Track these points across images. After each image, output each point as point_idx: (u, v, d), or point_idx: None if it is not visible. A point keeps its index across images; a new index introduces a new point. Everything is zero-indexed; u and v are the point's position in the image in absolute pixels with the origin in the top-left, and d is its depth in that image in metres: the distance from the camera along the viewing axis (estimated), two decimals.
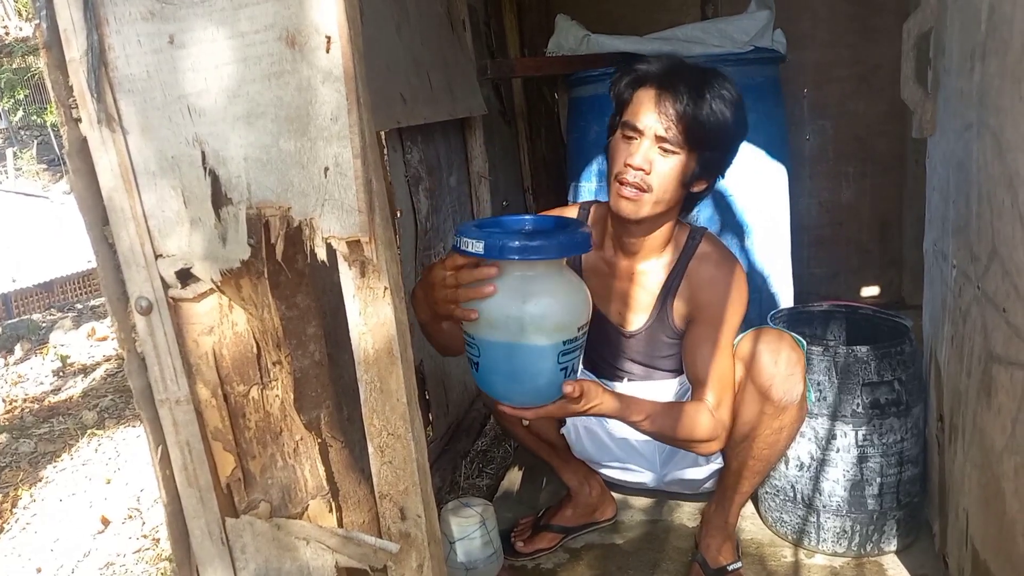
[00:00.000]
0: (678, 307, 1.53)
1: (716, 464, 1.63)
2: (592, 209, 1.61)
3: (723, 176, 1.49)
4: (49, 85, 0.96)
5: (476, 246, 1.13)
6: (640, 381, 1.69)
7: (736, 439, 1.49)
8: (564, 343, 1.17)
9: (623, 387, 1.71)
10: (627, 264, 1.53)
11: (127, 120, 0.95)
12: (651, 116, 1.35)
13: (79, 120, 0.96)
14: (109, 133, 0.95)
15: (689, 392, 1.63)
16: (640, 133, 1.37)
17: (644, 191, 1.37)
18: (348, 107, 0.89)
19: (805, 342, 1.50)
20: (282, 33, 0.89)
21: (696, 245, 1.51)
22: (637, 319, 1.58)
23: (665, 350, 1.60)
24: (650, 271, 1.54)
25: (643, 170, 1.36)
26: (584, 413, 1.28)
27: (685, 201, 1.47)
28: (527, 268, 1.16)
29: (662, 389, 1.69)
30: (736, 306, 1.46)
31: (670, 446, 1.54)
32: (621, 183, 1.38)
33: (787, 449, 1.53)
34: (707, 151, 1.38)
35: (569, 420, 1.71)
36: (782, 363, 1.40)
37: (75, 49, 0.93)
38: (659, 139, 1.36)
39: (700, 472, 1.66)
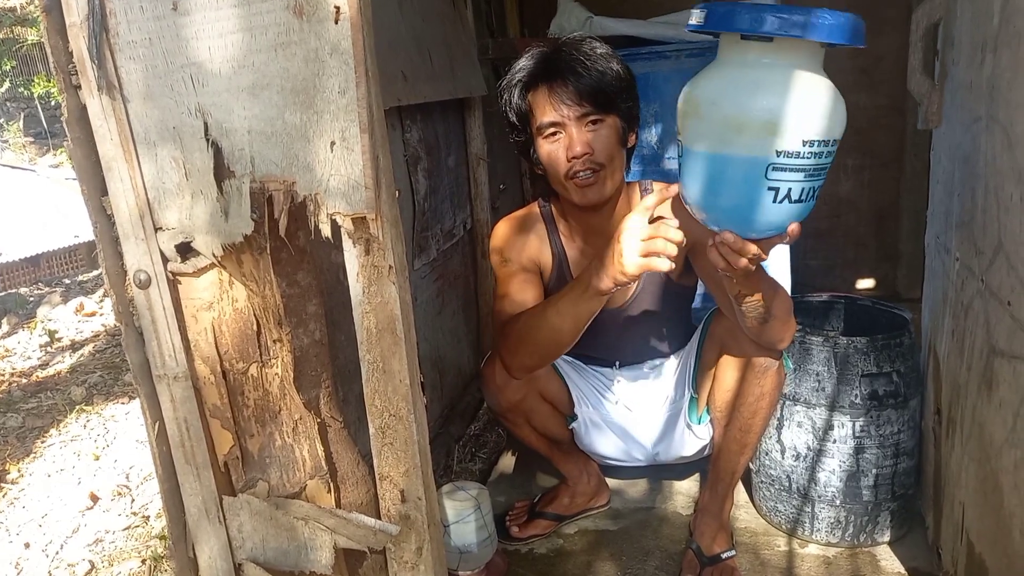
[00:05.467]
0: None
1: (703, 441, 1.66)
2: (552, 204, 1.61)
3: (639, 121, 1.50)
4: (48, 50, 0.93)
5: (699, 16, 0.99)
6: (630, 367, 1.71)
7: (722, 409, 1.52)
8: (778, 154, 0.95)
9: (614, 373, 1.71)
10: (604, 241, 1.52)
11: (128, 88, 0.93)
12: (560, 107, 1.36)
13: (79, 87, 0.94)
14: (109, 101, 0.93)
15: (683, 368, 1.67)
16: (560, 125, 1.38)
17: (598, 170, 1.38)
18: (356, 80, 0.87)
19: None
20: (289, 2, 0.87)
21: (652, 192, 1.52)
22: (628, 289, 1.59)
23: (660, 305, 1.59)
24: None
25: (588, 153, 1.37)
26: (741, 269, 1.09)
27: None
28: (752, 52, 0.97)
29: (654, 372, 1.71)
30: None
31: (770, 335, 1.37)
32: (575, 177, 1.39)
33: (770, 417, 1.53)
34: (621, 104, 1.40)
35: (580, 415, 1.70)
36: None
37: (76, 13, 0.91)
38: (581, 119, 1.37)
39: (688, 449, 1.69)
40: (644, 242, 1.11)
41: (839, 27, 0.94)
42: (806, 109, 0.95)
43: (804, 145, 0.95)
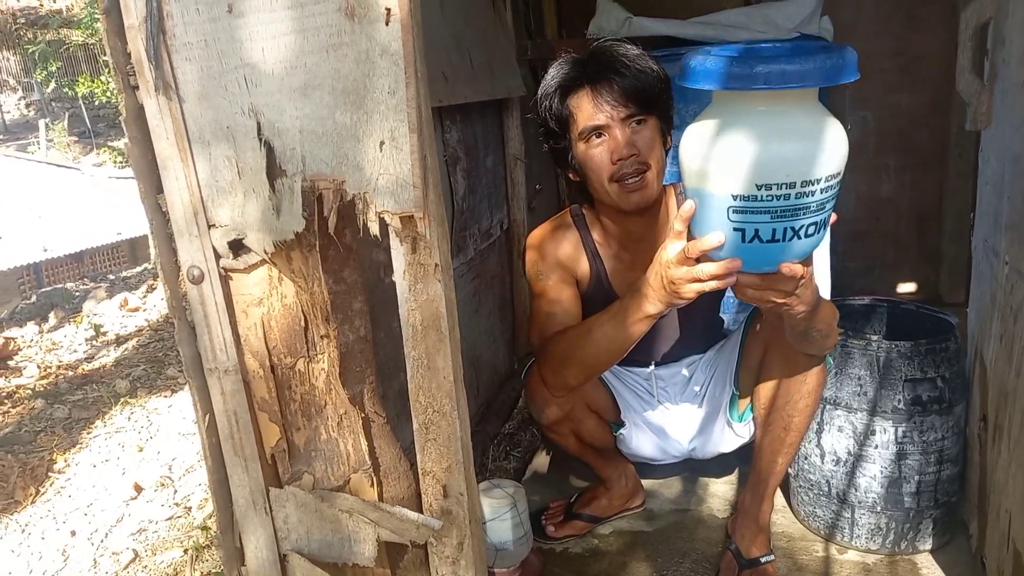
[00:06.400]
0: None
1: (742, 439, 1.65)
2: (586, 210, 1.59)
3: (673, 123, 1.47)
4: (107, 51, 0.96)
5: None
6: (666, 366, 1.71)
7: (765, 407, 1.50)
8: (734, 197, 0.95)
9: (650, 373, 1.70)
10: (644, 247, 1.51)
11: (184, 88, 0.96)
12: (604, 108, 1.35)
13: (136, 87, 0.97)
14: (166, 101, 0.95)
15: (723, 364, 1.66)
16: (605, 128, 1.36)
17: (646, 171, 1.38)
18: (406, 81, 0.88)
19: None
20: (341, 4, 0.88)
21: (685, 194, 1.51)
22: None
23: (695, 304, 1.58)
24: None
25: (635, 154, 1.36)
26: (786, 302, 1.10)
27: None
28: (732, 99, 0.97)
29: (689, 369, 1.71)
30: None
31: (812, 347, 1.38)
32: (621, 180, 1.38)
33: (812, 417, 1.51)
34: (661, 103, 1.39)
35: (627, 421, 1.69)
36: None
37: (134, 15, 0.93)
38: (626, 120, 1.35)
39: (727, 446, 1.69)
40: (691, 268, 1.08)
41: (793, 73, 0.89)
42: (760, 155, 0.92)
43: (760, 189, 0.93)
